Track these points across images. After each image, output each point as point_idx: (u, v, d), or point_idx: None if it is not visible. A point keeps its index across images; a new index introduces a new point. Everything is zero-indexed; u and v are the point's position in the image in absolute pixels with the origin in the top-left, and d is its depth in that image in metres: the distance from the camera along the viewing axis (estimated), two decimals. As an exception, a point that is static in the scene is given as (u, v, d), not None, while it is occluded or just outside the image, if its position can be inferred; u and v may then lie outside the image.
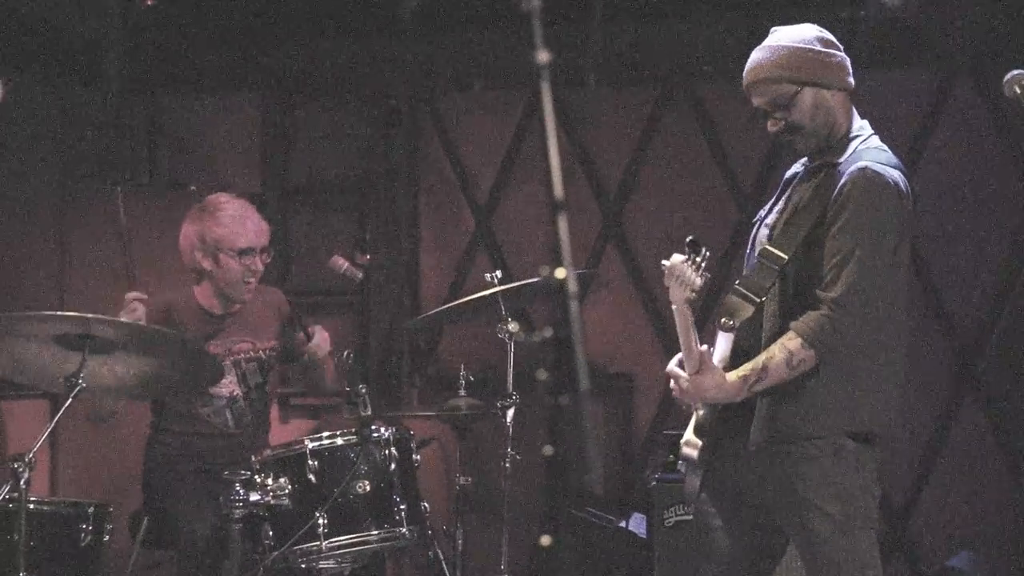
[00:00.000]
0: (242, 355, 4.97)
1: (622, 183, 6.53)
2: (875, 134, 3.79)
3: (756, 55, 3.79)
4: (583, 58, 6.25)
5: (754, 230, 3.94)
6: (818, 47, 3.75)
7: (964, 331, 6.14)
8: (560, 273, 1.99)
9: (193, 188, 5.88)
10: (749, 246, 3.93)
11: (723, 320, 3.72)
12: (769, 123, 3.75)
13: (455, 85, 6.71)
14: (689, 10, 6.30)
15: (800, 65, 3.73)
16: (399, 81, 6.77)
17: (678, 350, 5.89)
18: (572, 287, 2.06)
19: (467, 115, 6.75)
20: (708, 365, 3.65)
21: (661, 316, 6.32)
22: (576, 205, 6.39)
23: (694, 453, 3.75)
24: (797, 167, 3.92)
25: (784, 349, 3.59)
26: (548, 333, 2.07)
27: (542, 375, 2.05)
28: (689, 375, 3.66)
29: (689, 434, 3.77)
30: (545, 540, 2.60)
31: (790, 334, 3.60)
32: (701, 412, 3.75)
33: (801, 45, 3.75)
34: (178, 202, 5.68)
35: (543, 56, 2.08)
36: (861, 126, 3.79)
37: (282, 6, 6.72)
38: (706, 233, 5.79)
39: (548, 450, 1.99)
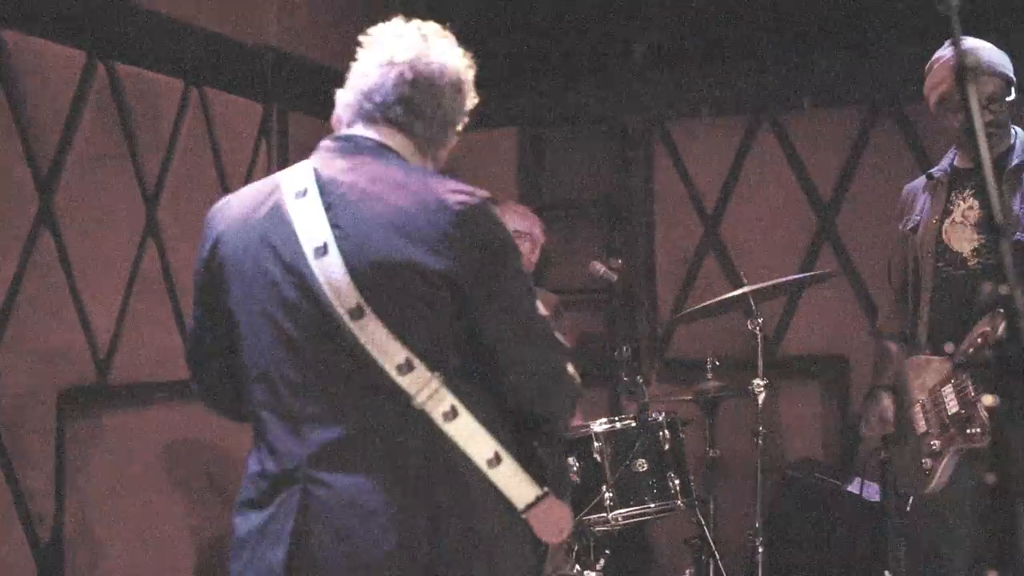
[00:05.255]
0: None
1: (834, 193, 6.25)
2: None
3: (986, 45, 3.48)
4: (801, 85, 6.02)
5: (920, 232, 3.74)
6: None
7: None
8: (1003, 290, 1.71)
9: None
10: (917, 249, 3.74)
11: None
12: (985, 113, 3.42)
13: (684, 112, 6.54)
14: (887, 40, 6.00)
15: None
16: (636, 111, 6.60)
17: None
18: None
19: (694, 138, 6.57)
20: None
21: (870, 304, 6.04)
22: (794, 212, 6.23)
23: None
24: (939, 174, 3.77)
25: None
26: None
27: (988, 400, 1.70)
28: None
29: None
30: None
31: None
32: None
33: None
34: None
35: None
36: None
37: (536, 52, 6.67)
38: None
39: (990, 478, 1.69)
